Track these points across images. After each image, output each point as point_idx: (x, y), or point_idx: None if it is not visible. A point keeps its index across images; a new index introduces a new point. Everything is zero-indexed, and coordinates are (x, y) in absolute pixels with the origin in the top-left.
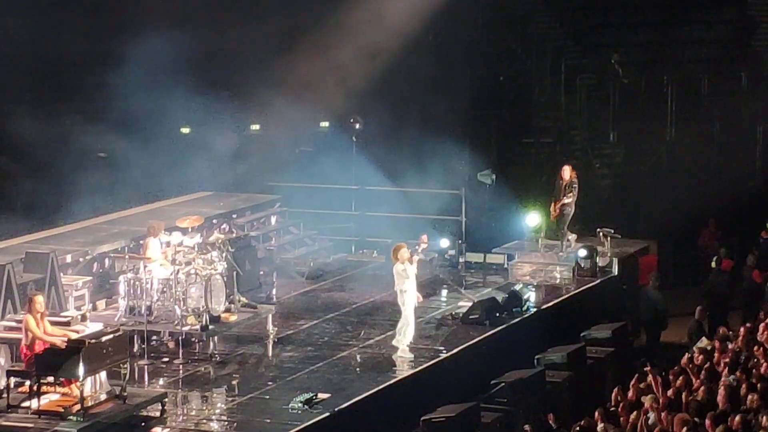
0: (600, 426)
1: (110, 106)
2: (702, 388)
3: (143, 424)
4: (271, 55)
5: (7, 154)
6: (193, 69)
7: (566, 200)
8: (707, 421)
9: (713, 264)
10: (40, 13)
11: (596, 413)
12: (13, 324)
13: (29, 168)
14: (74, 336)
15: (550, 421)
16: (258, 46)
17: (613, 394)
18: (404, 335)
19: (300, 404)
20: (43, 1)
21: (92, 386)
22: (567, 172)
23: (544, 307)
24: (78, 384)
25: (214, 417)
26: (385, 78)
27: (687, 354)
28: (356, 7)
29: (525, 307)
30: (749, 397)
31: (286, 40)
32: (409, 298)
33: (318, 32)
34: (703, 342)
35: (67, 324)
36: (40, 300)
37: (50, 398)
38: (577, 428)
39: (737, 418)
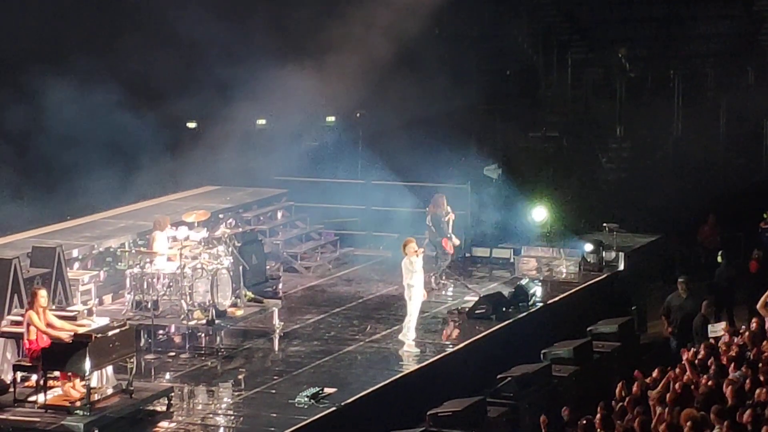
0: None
1: (112, 101)
2: (708, 383)
3: (150, 418)
4: (277, 49)
5: None
6: (199, 63)
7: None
8: (712, 416)
9: (719, 259)
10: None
11: (598, 407)
12: (20, 318)
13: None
14: (81, 331)
15: (564, 415)
16: (264, 40)
17: (617, 389)
18: (409, 329)
19: (306, 399)
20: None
21: (99, 380)
22: (444, 202)
23: (551, 301)
24: (79, 380)
25: (220, 411)
26: (392, 72)
27: (693, 348)
28: (363, 2)
29: (531, 302)
30: (758, 390)
31: (292, 34)
32: (415, 292)
33: (323, 27)
34: (718, 329)
35: (74, 318)
36: (43, 294)
37: (56, 392)
38: (584, 422)
39: (747, 412)
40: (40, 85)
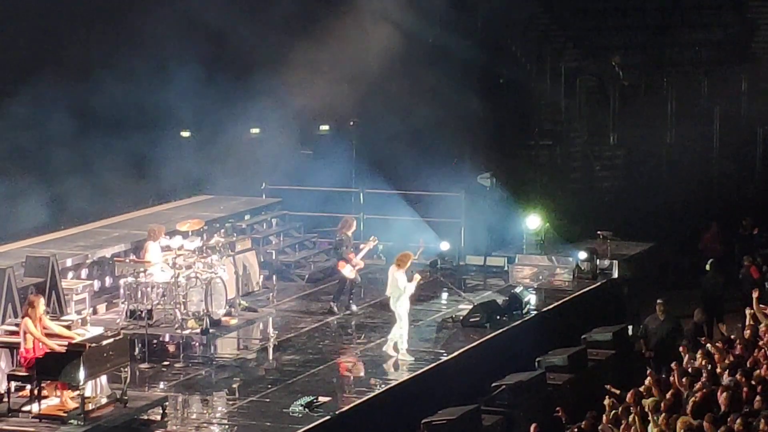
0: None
1: (109, 108)
2: (702, 390)
3: (144, 427)
4: (270, 58)
5: None
6: (193, 72)
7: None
8: (705, 423)
9: (707, 267)
10: (43, 16)
11: (588, 415)
12: (14, 328)
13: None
14: (77, 338)
15: (561, 416)
16: (257, 49)
17: (607, 401)
18: (400, 339)
19: (301, 407)
20: (44, 7)
21: (93, 390)
22: (353, 225)
23: (545, 309)
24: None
25: (214, 420)
26: (385, 81)
27: (687, 356)
28: (357, 11)
29: (525, 310)
30: (756, 398)
31: (286, 43)
32: (400, 304)
33: (317, 36)
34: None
35: (68, 328)
36: (41, 303)
37: (51, 402)
38: (575, 430)
39: (738, 420)
40: None
